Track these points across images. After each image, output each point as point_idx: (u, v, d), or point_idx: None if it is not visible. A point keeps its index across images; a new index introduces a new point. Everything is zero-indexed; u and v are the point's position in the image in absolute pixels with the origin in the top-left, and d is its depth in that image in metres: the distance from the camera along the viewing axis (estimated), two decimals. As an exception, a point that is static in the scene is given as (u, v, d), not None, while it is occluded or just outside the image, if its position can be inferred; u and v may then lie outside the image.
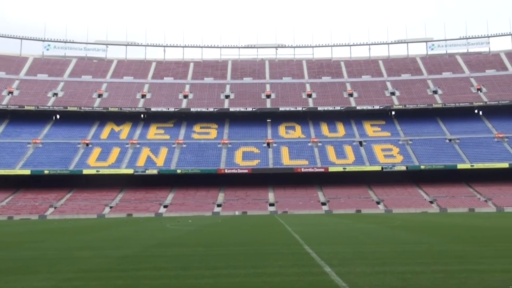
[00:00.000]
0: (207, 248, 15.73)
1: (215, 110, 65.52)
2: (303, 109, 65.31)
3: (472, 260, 11.67)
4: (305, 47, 79.41)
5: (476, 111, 66.10)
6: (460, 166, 55.74)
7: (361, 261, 11.58)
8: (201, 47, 79.44)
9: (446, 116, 65.58)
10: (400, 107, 65.35)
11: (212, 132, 65.99)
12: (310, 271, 10.15)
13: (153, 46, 79.50)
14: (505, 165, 54.89)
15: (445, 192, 55.91)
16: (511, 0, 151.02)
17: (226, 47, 79.38)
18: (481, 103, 64.17)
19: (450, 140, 61.41)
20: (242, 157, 59.75)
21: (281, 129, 65.91)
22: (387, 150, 59.91)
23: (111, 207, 53.81)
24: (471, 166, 55.44)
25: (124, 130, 65.22)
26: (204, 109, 65.54)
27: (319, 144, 61.86)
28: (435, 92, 68.16)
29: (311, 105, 66.83)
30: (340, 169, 56.33)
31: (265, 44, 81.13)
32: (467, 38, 76.71)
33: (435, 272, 9.93)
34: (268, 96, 69.72)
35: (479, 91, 67.10)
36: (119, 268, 11.06)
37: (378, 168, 56.33)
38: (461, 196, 54.85)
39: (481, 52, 76.82)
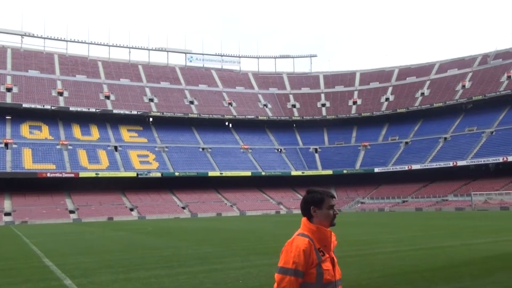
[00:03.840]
0: None
1: None
2: (53, 107, 59.65)
3: (212, 261, 12.57)
4: (58, 40, 72.61)
5: (227, 123, 72.54)
6: (211, 173, 59.93)
7: (106, 270, 11.38)
8: None
9: (201, 126, 69.82)
10: (158, 114, 66.48)
11: None
12: (47, 286, 9.43)
13: None
14: (248, 173, 61.60)
15: (196, 198, 59.17)
16: (258, 28, 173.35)
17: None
18: (231, 116, 70.75)
19: (203, 149, 65.50)
20: (-28, 159, 50.69)
21: (24, 128, 58.67)
22: (143, 156, 59.94)
23: None
24: (221, 174, 60.29)
25: None
26: None
27: (70, 147, 57.54)
28: (191, 102, 71.85)
29: (62, 104, 61.70)
30: (93, 174, 53.54)
31: (8, 29, 70.55)
32: (222, 56, 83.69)
33: (178, 274, 10.35)
34: (9, 90, 61.19)
35: (230, 105, 73.76)
36: None
37: (133, 174, 55.76)
38: (211, 202, 58.96)
39: (233, 70, 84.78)
